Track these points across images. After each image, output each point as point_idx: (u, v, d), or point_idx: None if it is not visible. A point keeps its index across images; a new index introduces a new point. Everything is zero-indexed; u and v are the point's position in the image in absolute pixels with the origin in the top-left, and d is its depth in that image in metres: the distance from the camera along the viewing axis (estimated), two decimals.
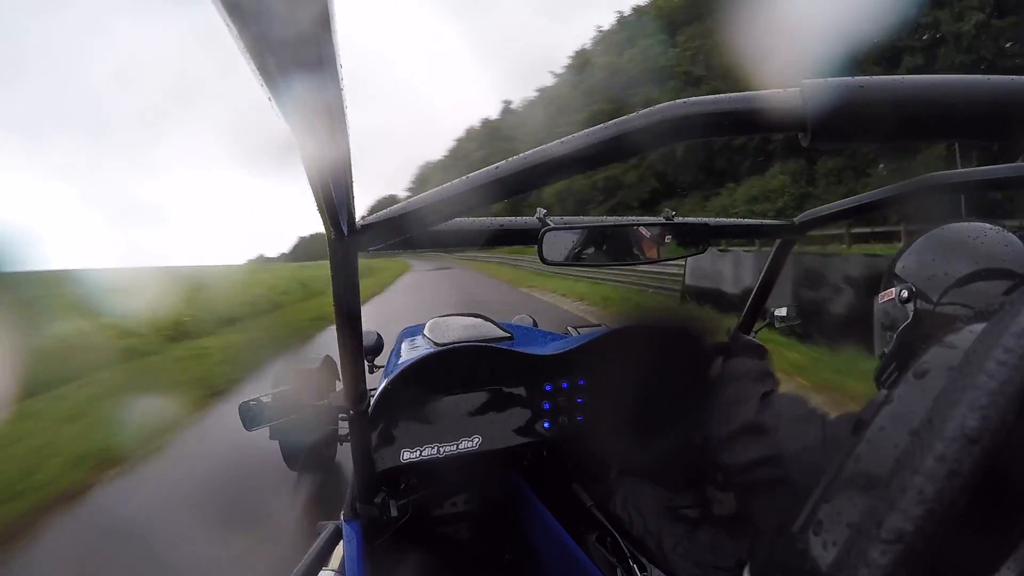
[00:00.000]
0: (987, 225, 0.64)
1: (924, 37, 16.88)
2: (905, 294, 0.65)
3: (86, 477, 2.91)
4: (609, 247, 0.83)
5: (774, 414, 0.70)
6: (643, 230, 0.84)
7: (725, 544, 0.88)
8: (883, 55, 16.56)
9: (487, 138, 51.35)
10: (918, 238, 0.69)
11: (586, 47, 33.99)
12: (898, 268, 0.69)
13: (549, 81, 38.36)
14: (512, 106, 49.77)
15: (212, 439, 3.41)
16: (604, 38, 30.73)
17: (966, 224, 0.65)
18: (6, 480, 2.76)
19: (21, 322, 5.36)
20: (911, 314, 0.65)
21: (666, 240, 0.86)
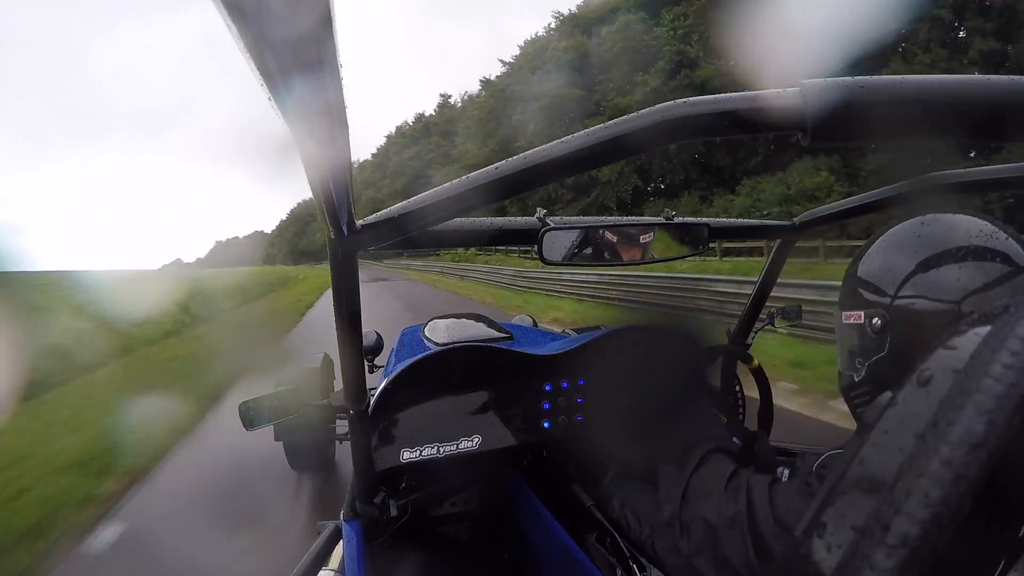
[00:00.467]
0: (958, 215, 0.58)
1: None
2: (878, 323, 0.59)
3: None
4: (609, 247, 0.83)
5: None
6: (643, 230, 0.84)
7: None
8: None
9: (421, 134, 46.45)
10: (875, 240, 0.63)
11: (540, 35, 31.34)
12: (861, 272, 0.63)
13: (496, 71, 35.23)
14: (452, 100, 45.52)
15: None
16: (567, 21, 28.18)
17: (930, 216, 0.60)
18: None
19: None
20: (887, 347, 0.58)
21: (666, 240, 0.86)
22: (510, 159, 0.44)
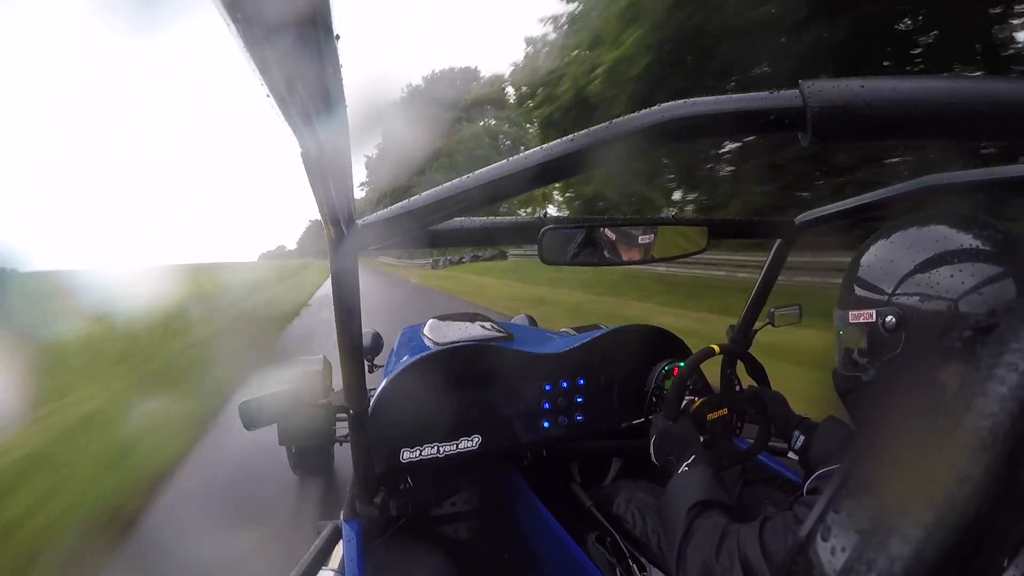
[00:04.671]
0: (958, 213, 0.57)
1: None
2: (893, 320, 0.57)
3: None
4: (609, 246, 0.82)
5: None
6: (644, 229, 0.84)
7: None
8: None
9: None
10: (880, 239, 0.62)
11: None
12: (867, 270, 0.62)
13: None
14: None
15: None
16: None
17: (935, 214, 0.59)
18: None
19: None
20: (901, 344, 0.57)
21: (667, 240, 0.86)
22: (510, 159, 0.44)
